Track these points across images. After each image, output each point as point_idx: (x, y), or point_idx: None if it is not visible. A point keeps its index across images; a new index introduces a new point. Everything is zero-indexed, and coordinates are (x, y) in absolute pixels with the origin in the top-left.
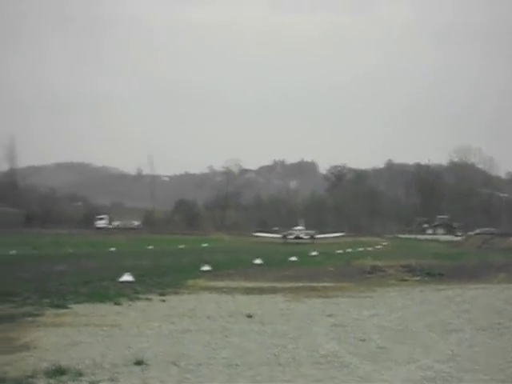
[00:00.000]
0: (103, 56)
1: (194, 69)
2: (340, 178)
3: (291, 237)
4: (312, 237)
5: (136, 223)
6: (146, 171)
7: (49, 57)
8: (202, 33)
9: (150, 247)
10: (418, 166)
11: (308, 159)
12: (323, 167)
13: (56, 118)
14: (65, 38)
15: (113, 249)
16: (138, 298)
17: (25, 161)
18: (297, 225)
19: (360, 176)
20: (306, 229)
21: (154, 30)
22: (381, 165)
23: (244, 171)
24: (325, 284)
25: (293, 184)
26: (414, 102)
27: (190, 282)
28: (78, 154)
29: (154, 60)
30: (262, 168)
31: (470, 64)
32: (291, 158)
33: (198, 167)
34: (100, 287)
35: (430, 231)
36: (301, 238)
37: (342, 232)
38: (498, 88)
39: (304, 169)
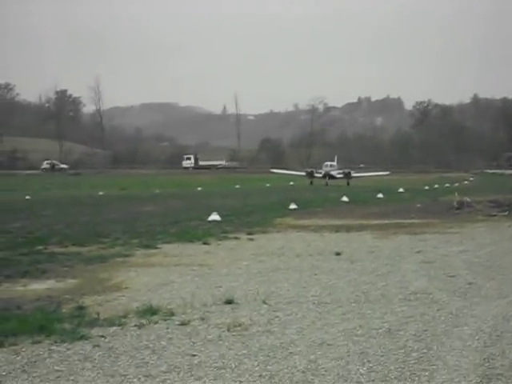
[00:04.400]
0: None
1: (279, 4)
2: (426, 113)
3: (319, 175)
4: (348, 175)
5: (221, 162)
6: (232, 110)
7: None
8: None
9: (237, 186)
10: (505, 101)
11: (393, 96)
12: (409, 103)
13: (141, 59)
14: None
15: (200, 188)
16: (227, 238)
17: (111, 102)
18: (330, 161)
19: (446, 111)
20: (342, 166)
21: None
22: (467, 100)
23: (329, 109)
24: (412, 221)
25: (378, 121)
26: (500, 36)
27: (278, 220)
28: (164, 94)
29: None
30: (347, 105)
31: None
32: (376, 95)
33: (282, 105)
34: (188, 227)
35: None
36: (332, 177)
37: (387, 171)
38: None
39: (389, 105)
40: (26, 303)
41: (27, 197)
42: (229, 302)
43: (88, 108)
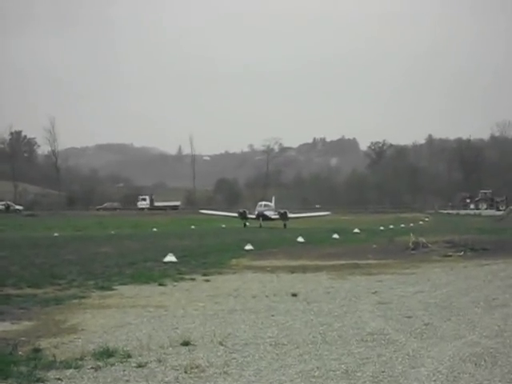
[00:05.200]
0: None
1: (233, 48)
2: (381, 154)
3: (252, 216)
4: (284, 215)
5: (177, 203)
6: (187, 151)
7: (83, 42)
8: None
9: (193, 227)
10: (459, 141)
11: (349, 136)
12: (364, 144)
13: (94, 100)
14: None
15: (155, 229)
16: (183, 279)
17: (66, 143)
18: (265, 200)
19: (401, 152)
20: (277, 206)
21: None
22: (421, 140)
23: (284, 149)
24: (369, 261)
25: (334, 161)
26: (454, 77)
27: (234, 261)
28: (118, 135)
29: (181, 41)
30: (302, 146)
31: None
32: (332, 135)
33: (238, 146)
34: (144, 268)
35: (472, 206)
36: (267, 218)
37: (327, 211)
38: None
39: (345, 146)
40: None
41: None
42: (185, 343)
43: (43, 149)
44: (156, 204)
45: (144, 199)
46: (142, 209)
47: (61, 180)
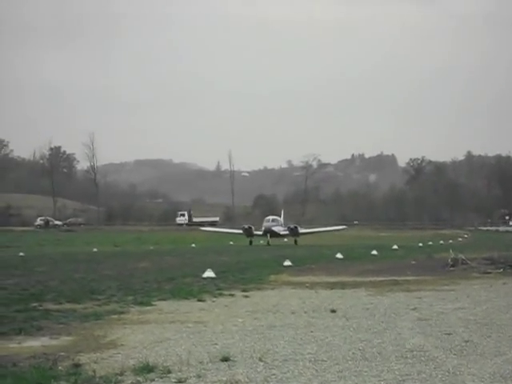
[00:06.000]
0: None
1: (272, 66)
2: (419, 170)
3: (258, 232)
4: (294, 231)
5: (215, 219)
6: (225, 167)
7: (125, 58)
8: (279, 31)
9: (231, 243)
10: (499, 158)
11: (387, 152)
12: (402, 160)
13: (135, 115)
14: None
15: (193, 245)
16: (222, 294)
17: (105, 158)
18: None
19: (439, 168)
20: (287, 221)
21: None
22: (460, 157)
23: (323, 165)
24: (407, 278)
25: (372, 178)
26: (494, 93)
27: (272, 277)
28: (157, 150)
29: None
30: (340, 162)
31: None
32: (370, 152)
33: (276, 162)
34: (183, 284)
35: (511, 223)
36: (276, 234)
37: (343, 226)
38: None
39: (383, 162)
40: (21, 360)
41: (21, 253)
42: (225, 359)
43: (82, 164)
44: (194, 220)
45: (183, 215)
46: (181, 224)
47: (99, 195)
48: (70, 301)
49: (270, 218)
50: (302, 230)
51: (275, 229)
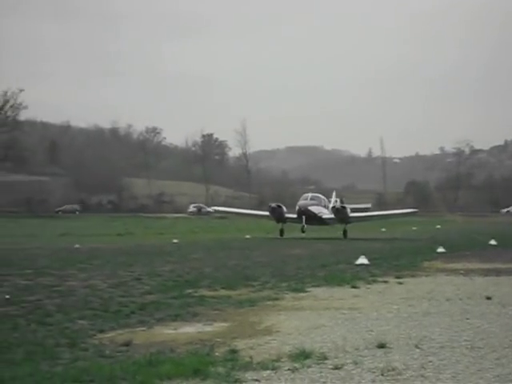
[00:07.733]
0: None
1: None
2: None
3: (291, 216)
4: (341, 213)
5: (368, 205)
6: (377, 153)
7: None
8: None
9: (383, 229)
10: None
11: None
12: None
13: (286, 103)
14: None
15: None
16: (375, 281)
17: (256, 145)
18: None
19: None
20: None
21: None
22: None
23: (475, 151)
24: None
25: None
26: None
27: (426, 263)
28: (308, 137)
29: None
30: (493, 148)
31: None
32: None
33: (428, 148)
34: (336, 270)
35: None
36: (316, 218)
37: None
38: None
39: None
40: (178, 346)
41: (175, 240)
42: (381, 346)
43: (234, 151)
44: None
45: (335, 201)
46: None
47: (251, 182)
48: (225, 287)
49: (309, 195)
50: (352, 214)
51: (313, 209)
